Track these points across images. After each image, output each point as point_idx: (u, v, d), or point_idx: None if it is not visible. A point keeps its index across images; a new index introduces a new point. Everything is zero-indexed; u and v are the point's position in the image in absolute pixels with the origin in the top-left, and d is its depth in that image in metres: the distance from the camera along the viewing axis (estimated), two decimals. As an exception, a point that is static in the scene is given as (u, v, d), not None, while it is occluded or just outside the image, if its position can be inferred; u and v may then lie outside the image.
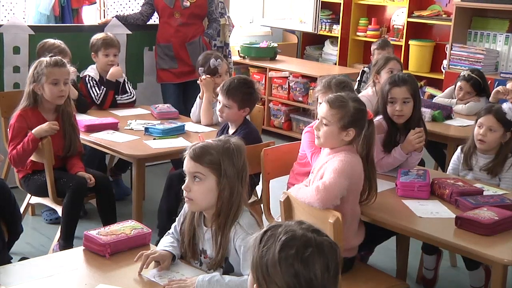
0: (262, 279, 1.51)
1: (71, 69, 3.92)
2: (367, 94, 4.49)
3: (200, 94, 4.50)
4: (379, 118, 3.53)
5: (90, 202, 4.01)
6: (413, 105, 3.51)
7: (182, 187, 2.35)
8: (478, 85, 4.95)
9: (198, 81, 4.53)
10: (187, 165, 2.33)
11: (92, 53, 4.77)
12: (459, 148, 3.70)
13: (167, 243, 2.45)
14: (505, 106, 3.50)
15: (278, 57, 7.34)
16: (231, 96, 3.69)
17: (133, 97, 4.89)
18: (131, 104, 4.85)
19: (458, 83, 5.01)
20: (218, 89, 3.91)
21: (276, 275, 1.48)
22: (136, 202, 3.90)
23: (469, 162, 3.57)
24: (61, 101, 3.76)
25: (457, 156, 3.68)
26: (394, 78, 3.56)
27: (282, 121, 6.96)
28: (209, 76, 4.47)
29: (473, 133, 3.58)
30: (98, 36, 4.81)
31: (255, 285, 1.53)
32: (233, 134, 3.73)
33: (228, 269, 2.33)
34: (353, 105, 2.85)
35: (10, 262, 3.02)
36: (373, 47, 5.68)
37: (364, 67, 5.78)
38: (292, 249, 1.49)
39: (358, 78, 5.63)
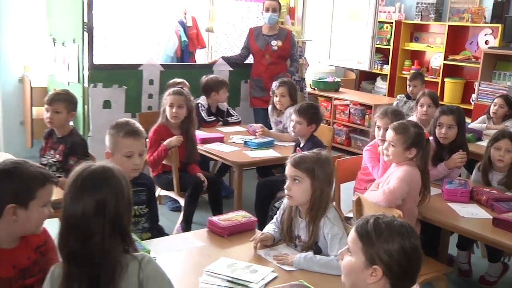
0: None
1: (191, 97, 4.04)
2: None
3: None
4: (430, 138, 3.48)
5: (203, 196, 4.10)
6: (458, 131, 3.44)
7: (284, 187, 2.37)
8: (509, 100, 4.81)
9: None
10: (289, 170, 2.36)
11: (213, 92, 4.79)
12: (475, 168, 3.47)
13: (271, 229, 2.50)
14: None
15: (341, 89, 7.31)
16: (302, 114, 3.71)
17: (239, 118, 4.99)
18: (238, 123, 4.95)
19: (494, 102, 4.86)
20: (292, 110, 3.92)
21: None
22: (237, 197, 3.95)
23: (486, 179, 3.36)
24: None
25: (475, 172, 3.48)
26: (444, 108, 3.51)
27: (344, 138, 6.91)
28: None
29: (488, 154, 3.33)
30: (213, 77, 4.86)
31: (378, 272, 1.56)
32: (304, 145, 3.74)
33: (318, 251, 2.34)
34: (413, 130, 2.84)
35: (165, 233, 3.01)
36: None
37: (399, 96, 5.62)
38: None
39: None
